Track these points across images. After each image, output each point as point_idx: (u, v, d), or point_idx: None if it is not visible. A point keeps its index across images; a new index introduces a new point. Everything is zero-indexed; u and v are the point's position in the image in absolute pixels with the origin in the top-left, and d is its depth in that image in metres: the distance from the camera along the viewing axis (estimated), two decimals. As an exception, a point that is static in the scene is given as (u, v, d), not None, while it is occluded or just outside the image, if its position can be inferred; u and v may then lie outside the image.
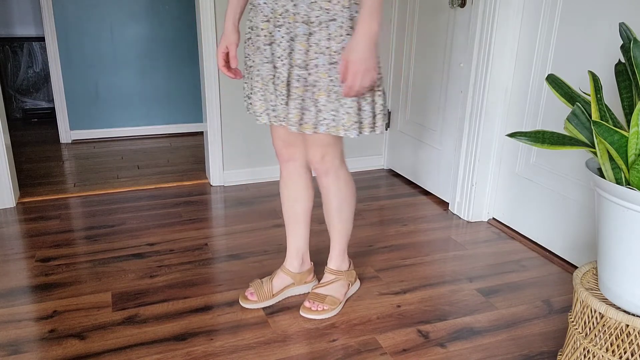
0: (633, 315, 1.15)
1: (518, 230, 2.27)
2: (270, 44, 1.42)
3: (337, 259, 1.73)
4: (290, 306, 1.73)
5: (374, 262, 2.02)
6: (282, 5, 1.37)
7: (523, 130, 2.18)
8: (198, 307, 1.71)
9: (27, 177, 2.92)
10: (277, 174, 2.90)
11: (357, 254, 2.08)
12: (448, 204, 2.59)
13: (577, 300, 1.27)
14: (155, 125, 3.96)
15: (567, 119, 1.20)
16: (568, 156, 1.98)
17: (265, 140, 2.84)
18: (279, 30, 1.39)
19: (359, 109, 1.43)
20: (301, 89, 1.40)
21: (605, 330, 1.19)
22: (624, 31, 1.21)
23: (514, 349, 1.54)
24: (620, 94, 1.20)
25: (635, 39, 1.14)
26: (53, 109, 4.32)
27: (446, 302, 1.76)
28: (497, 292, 1.83)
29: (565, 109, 1.97)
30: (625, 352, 1.16)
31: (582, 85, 1.86)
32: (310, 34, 1.36)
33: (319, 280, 1.79)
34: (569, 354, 1.31)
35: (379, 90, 1.47)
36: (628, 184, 1.13)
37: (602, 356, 1.20)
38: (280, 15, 1.38)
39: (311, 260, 1.83)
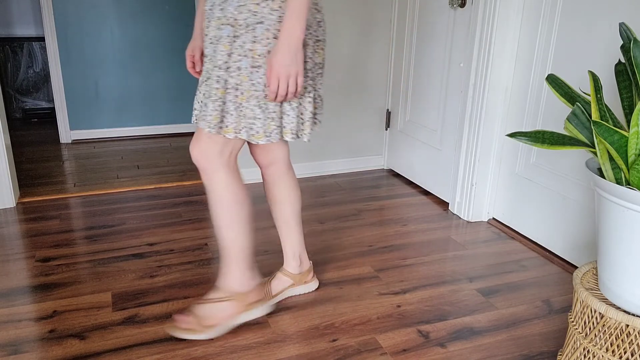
0: (633, 315, 1.15)
1: (518, 230, 2.27)
2: (207, 46, 1.42)
3: (228, 276, 1.57)
4: (290, 306, 1.73)
5: (374, 262, 2.03)
6: (210, 7, 1.37)
7: (523, 130, 2.18)
8: (198, 307, 1.71)
9: (27, 177, 2.92)
10: (277, 174, 2.90)
11: (357, 254, 2.08)
12: (448, 204, 2.59)
13: (577, 300, 1.27)
14: (155, 125, 3.96)
15: (567, 119, 1.20)
16: (568, 156, 1.98)
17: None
18: (207, 34, 1.39)
19: (282, 113, 1.40)
20: (222, 91, 1.36)
21: (605, 330, 1.19)
22: (624, 31, 1.21)
23: (514, 349, 1.54)
24: (620, 94, 1.20)
25: (635, 39, 1.14)
26: (53, 109, 4.32)
27: (446, 302, 1.76)
28: (497, 292, 1.84)
29: (565, 109, 1.97)
30: (625, 352, 1.16)
31: (582, 85, 1.86)
32: (236, 36, 1.33)
33: (319, 280, 1.79)
34: (569, 354, 1.31)
35: (309, 97, 1.43)
36: (628, 184, 1.13)
37: (602, 356, 1.20)
38: (212, 18, 1.37)
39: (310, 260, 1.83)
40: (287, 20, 1.27)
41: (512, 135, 1.25)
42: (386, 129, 3.06)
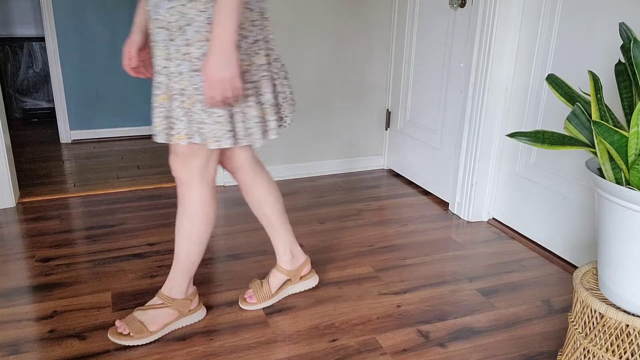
0: (633, 315, 1.15)
1: (518, 230, 2.27)
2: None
3: (171, 283, 1.58)
4: (290, 306, 1.73)
5: (374, 262, 2.02)
6: (149, 8, 1.33)
7: (523, 130, 2.18)
8: (198, 307, 1.71)
9: (27, 177, 2.92)
10: (278, 174, 2.90)
11: (357, 254, 2.08)
12: (448, 204, 2.59)
13: (577, 300, 1.27)
14: (155, 125, 3.95)
15: (567, 119, 1.20)
16: (568, 156, 1.98)
17: (265, 141, 2.83)
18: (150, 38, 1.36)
19: (231, 116, 1.35)
20: (163, 97, 1.33)
21: (605, 330, 1.19)
22: (624, 31, 1.21)
23: (514, 349, 1.54)
24: (620, 94, 1.20)
25: (635, 39, 1.14)
26: (53, 109, 4.32)
27: (446, 302, 1.76)
28: (497, 292, 1.83)
29: (565, 109, 1.97)
30: (625, 352, 1.16)
31: (582, 85, 1.86)
32: (171, 39, 1.29)
33: (320, 280, 1.79)
34: (569, 354, 1.31)
35: (250, 101, 1.37)
36: (628, 184, 1.13)
37: (602, 356, 1.20)
38: (150, 20, 1.34)
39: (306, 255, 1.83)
40: (216, 23, 1.21)
41: (512, 135, 1.25)
42: (386, 129, 3.06)
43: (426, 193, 2.74)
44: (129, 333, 1.52)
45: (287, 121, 1.53)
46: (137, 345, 1.52)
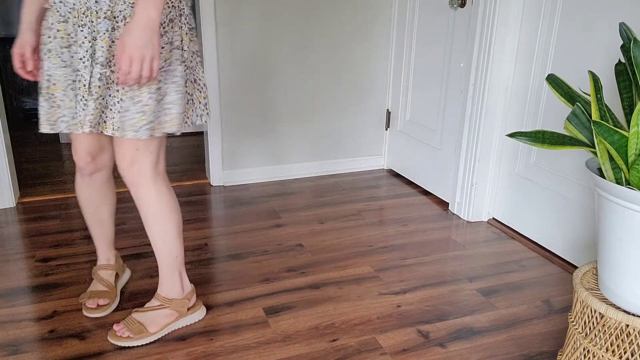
0: (633, 315, 1.15)
1: (518, 230, 2.27)
2: (68, 46, 1.32)
3: (165, 284, 1.59)
4: (290, 306, 1.73)
5: (374, 262, 2.03)
6: (84, 3, 1.28)
7: (523, 130, 2.18)
8: (198, 307, 1.71)
9: (27, 177, 2.92)
10: (278, 174, 2.90)
11: (357, 254, 2.08)
12: (448, 204, 2.59)
13: (577, 300, 1.27)
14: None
15: (567, 119, 1.20)
16: (568, 156, 1.98)
17: (266, 141, 2.84)
18: (81, 30, 1.29)
19: (161, 106, 1.35)
20: (103, 88, 1.31)
21: (605, 330, 1.19)
22: (624, 31, 1.21)
23: (514, 349, 1.54)
24: (620, 94, 1.20)
25: (635, 39, 1.14)
26: (53, 109, 4.31)
27: (446, 302, 1.76)
28: (497, 292, 1.84)
29: (565, 109, 1.97)
30: (625, 352, 1.16)
31: (582, 85, 1.86)
32: (114, 29, 1.28)
33: (320, 280, 1.78)
34: (569, 354, 1.31)
35: (176, 88, 1.36)
36: (628, 184, 1.13)
37: (602, 356, 1.20)
38: (83, 14, 1.29)
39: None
40: (140, 1, 1.22)
41: (512, 135, 1.25)
42: (386, 129, 3.06)
43: (426, 193, 2.74)
44: (128, 335, 1.52)
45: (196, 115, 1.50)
46: (137, 346, 1.52)
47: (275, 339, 1.56)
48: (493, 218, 2.42)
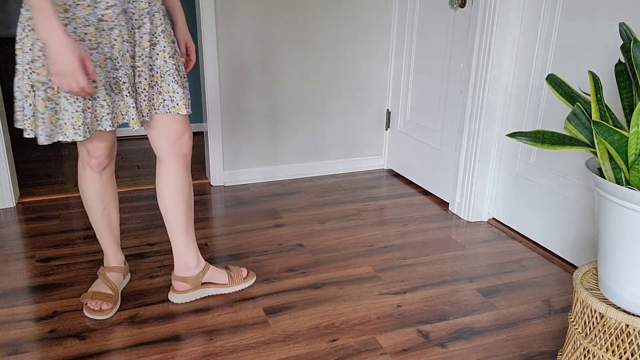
0: (633, 315, 1.15)
1: (518, 230, 2.27)
2: (97, 47, 1.36)
3: (194, 255, 1.74)
4: (290, 306, 1.73)
5: (374, 262, 2.03)
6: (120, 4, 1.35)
7: (523, 130, 2.18)
8: (198, 307, 1.71)
9: (27, 177, 2.92)
10: (278, 174, 2.90)
11: (357, 254, 2.09)
12: (448, 204, 2.59)
13: (577, 300, 1.27)
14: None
15: (567, 119, 1.20)
16: (568, 156, 1.98)
17: (266, 140, 2.84)
18: (113, 31, 1.36)
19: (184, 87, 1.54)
20: (145, 83, 1.46)
21: (605, 330, 1.19)
22: (624, 31, 1.21)
23: (514, 349, 1.54)
24: (620, 94, 1.20)
25: (635, 39, 1.14)
26: (53, 109, 4.31)
27: (446, 302, 1.76)
28: (497, 292, 1.84)
29: (565, 109, 1.97)
30: (625, 352, 1.16)
31: (582, 85, 1.86)
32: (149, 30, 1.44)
33: (320, 280, 1.78)
34: (569, 354, 1.31)
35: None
36: (628, 184, 1.13)
37: (602, 356, 1.20)
38: (117, 16, 1.36)
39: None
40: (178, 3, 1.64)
41: (512, 135, 1.25)
42: (386, 129, 3.06)
43: (426, 193, 2.74)
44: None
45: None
46: (139, 344, 1.51)
47: (275, 339, 1.56)
48: (493, 218, 2.42)
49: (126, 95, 1.41)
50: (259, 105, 2.77)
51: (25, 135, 1.38)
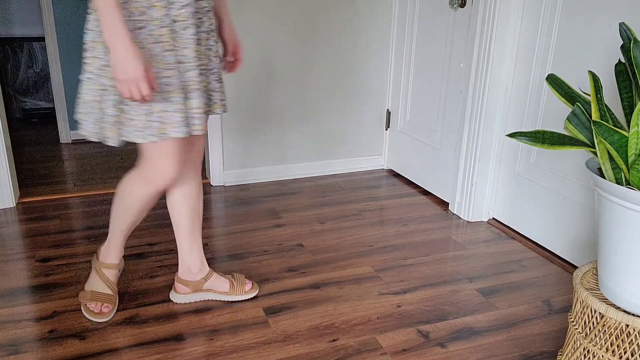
0: (633, 315, 1.15)
1: (518, 230, 2.27)
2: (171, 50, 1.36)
3: (202, 259, 1.75)
4: (290, 306, 1.73)
5: (374, 262, 2.03)
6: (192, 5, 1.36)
7: (523, 130, 2.18)
8: (198, 308, 1.71)
9: (27, 177, 2.92)
10: (278, 174, 2.90)
11: (357, 254, 2.08)
12: (448, 204, 2.59)
13: (577, 300, 1.27)
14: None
15: (567, 119, 1.20)
16: (568, 156, 1.98)
17: (266, 140, 2.84)
18: (196, 28, 1.38)
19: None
20: (205, 81, 1.49)
21: (605, 330, 1.19)
22: (624, 31, 1.21)
23: (514, 349, 1.54)
24: (620, 94, 1.20)
25: (635, 39, 1.14)
26: (53, 109, 4.32)
27: (446, 302, 1.76)
28: (497, 292, 1.84)
29: (565, 109, 1.97)
30: (625, 352, 1.16)
31: (582, 85, 1.86)
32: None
33: (320, 280, 1.78)
34: (569, 354, 1.31)
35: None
36: (628, 184, 1.13)
37: (602, 356, 1.20)
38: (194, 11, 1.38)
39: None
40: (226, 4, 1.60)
41: (512, 135, 1.25)
42: (386, 129, 3.06)
43: (426, 193, 2.74)
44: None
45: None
46: (139, 344, 1.51)
47: (275, 339, 1.56)
48: (493, 218, 2.42)
49: (197, 97, 1.39)
50: (259, 105, 2.77)
51: (90, 138, 1.39)
